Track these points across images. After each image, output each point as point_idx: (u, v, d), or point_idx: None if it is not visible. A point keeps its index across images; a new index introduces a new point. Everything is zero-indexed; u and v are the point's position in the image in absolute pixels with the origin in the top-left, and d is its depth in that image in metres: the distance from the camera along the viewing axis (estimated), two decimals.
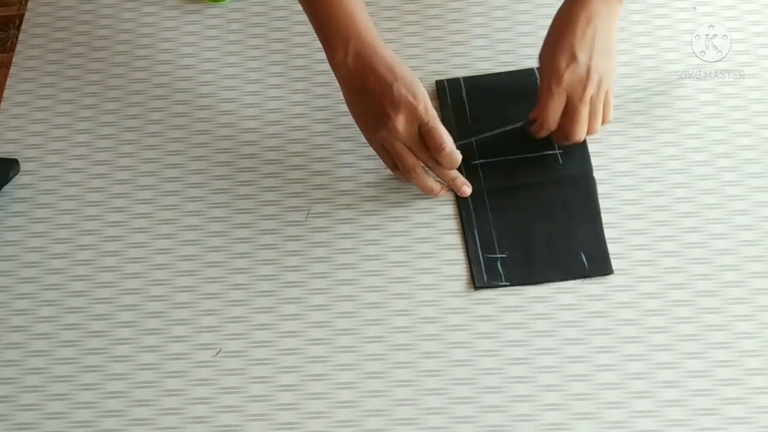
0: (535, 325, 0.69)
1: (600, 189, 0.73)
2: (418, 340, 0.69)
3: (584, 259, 0.71)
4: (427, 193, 0.72)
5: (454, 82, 0.78)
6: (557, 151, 0.74)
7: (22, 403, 0.68)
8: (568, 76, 0.68)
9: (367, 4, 0.82)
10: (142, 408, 0.68)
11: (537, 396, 0.67)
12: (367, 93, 0.67)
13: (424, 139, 0.68)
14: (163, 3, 0.84)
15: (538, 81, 0.74)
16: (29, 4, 0.85)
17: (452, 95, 0.77)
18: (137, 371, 0.69)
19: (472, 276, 0.71)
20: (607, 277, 0.70)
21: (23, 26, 0.84)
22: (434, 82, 0.78)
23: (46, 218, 0.75)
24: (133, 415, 0.67)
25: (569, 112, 0.70)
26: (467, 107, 0.77)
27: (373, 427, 0.66)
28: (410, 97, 0.66)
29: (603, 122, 0.72)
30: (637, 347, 0.68)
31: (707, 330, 0.68)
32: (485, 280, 0.70)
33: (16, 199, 0.76)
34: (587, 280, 0.70)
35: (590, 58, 0.68)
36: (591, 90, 0.69)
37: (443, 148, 0.67)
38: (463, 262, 0.71)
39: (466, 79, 0.78)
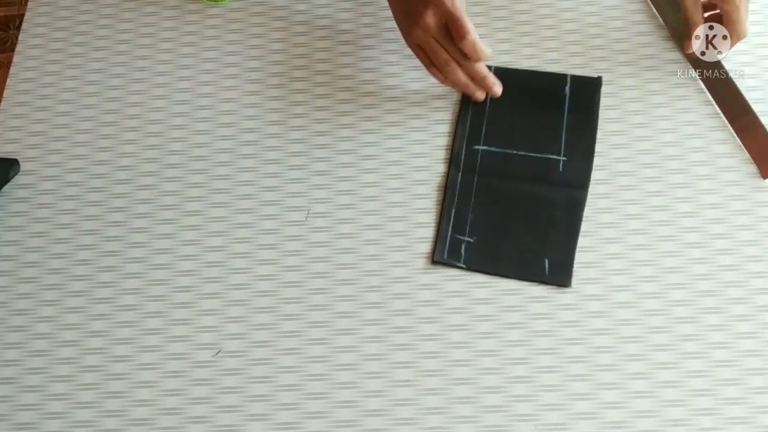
0: (535, 325, 0.69)
1: (600, 189, 0.73)
2: (417, 339, 0.69)
3: (547, 265, 0.71)
4: (463, 90, 0.76)
5: None
6: (561, 158, 0.74)
7: (22, 402, 0.68)
8: None
9: (376, 3, 0.82)
10: (142, 408, 0.68)
11: (537, 396, 0.67)
12: (405, 1, 0.74)
13: (451, 30, 0.72)
14: (163, 3, 0.84)
15: (567, 87, 0.76)
16: (29, 4, 0.85)
17: None
18: (137, 371, 0.69)
19: (433, 251, 0.71)
20: (607, 277, 0.70)
21: (23, 26, 0.84)
22: None
23: (46, 218, 0.75)
24: (134, 415, 0.68)
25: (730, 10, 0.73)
26: (488, 96, 0.77)
27: (373, 427, 0.66)
28: None
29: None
30: (637, 347, 0.68)
31: (707, 330, 0.68)
32: (444, 257, 0.71)
33: (16, 199, 0.76)
34: (588, 280, 0.70)
35: None
36: None
37: (465, 36, 0.71)
38: (431, 249, 0.72)
39: (497, 68, 0.78)
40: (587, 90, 0.77)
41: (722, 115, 0.76)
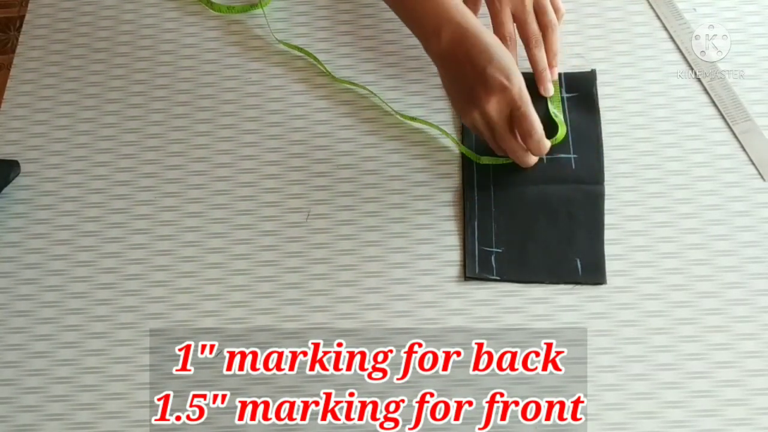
0: (536, 325, 0.69)
1: None
2: (419, 340, 0.69)
3: (579, 265, 0.70)
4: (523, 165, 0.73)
5: None
6: (572, 156, 0.74)
7: (23, 404, 0.68)
8: None
9: (375, 5, 0.82)
10: (143, 409, 0.68)
11: None
12: (462, 77, 0.68)
13: (514, 124, 0.69)
14: (163, 4, 0.84)
15: (563, 86, 0.76)
16: (30, 6, 0.85)
17: None
18: (138, 372, 0.69)
19: (464, 266, 0.71)
20: (608, 278, 0.70)
21: (24, 27, 0.84)
22: None
23: (46, 220, 0.75)
24: (134, 416, 0.68)
25: (519, 23, 0.74)
26: None
27: (376, 427, 0.66)
28: (504, 81, 0.66)
29: (557, 16, 0.76)
30: (638, 349, 0.68)
31: (708, 331, 0.68)
32: (477, 271, 0.70)
33: (17, 200, 0.76)
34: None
35: None
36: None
37: (531, 136, 0.69)
38: (461, 263, 0.71)
39: None
40: (584, 85, 0.77)
41: (723, 116, 0.76)
